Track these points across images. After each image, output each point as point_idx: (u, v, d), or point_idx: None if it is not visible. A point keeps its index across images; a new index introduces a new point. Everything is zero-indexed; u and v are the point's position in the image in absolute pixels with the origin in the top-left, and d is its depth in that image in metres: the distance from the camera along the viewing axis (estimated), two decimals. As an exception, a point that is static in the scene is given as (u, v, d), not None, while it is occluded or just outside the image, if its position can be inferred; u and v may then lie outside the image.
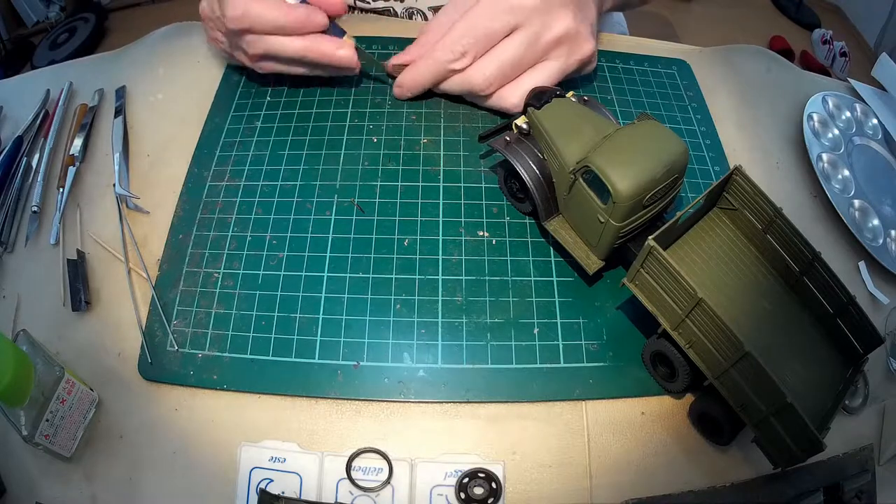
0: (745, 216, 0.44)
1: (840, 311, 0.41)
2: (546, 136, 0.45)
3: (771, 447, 0.38)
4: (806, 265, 0.42)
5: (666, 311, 0.39)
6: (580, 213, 0.44)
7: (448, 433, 0.41)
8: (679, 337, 0.39)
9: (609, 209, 0.41)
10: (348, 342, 0.43)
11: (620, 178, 0.40)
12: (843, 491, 0.40)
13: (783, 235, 0.42)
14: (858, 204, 0.54)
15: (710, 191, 0.43)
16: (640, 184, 0.40)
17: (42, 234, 0.49)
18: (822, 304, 0.42)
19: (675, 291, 0.38)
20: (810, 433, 0.35)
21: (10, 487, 0.39)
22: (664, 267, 0.37)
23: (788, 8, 2.14)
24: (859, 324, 0.41)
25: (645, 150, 0.42)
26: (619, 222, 0.41)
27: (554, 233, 0.46)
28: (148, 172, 0.52)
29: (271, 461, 0.39)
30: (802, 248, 0.41)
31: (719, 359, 0.37)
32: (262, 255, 0.47)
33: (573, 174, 0.42)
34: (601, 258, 0.44)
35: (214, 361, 0.42)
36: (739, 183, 0.43)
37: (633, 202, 0.40)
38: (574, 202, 0.44)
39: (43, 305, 0.45)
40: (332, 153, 0.53)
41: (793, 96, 0.61)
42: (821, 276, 0.41)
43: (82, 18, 1.85)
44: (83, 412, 0.40)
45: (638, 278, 0.40)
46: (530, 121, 0.46)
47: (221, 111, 0.56)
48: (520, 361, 0.43)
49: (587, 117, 0.46)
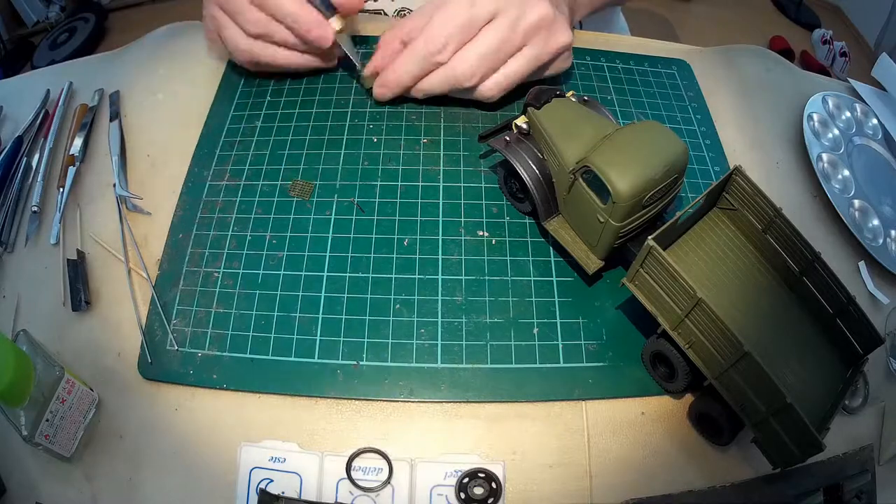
0: (744, 216, 0.44)
1: (840, 312, 0.41)
2: (546, 136, 0.45)
3: (770, 447, 0.38)
4: (806, 265, 0.42)
5: (665, 311, 0.39)
6: (580, 212, 0.44)
7: (448, 433, 0.41)
8: (679, 337, 0.39)
9: (609, 209, 0.41)
10: (348, 342, 0.43)
11: (620, 178, 0.40)
12: (843, 491, 0.40)
13: (783, 235, 0.42)
14: (858, 204, 0.54)
15: (710, 191, 0.43)
16: (640, 184, 0.40)
17: (42, 234, 0.48)
18: (822, 304, 0.42)
19: (675, 291, 0.38)
20: (810, 434, 0.35)
21: (10, 487, 0.39)
22: (664, 267, 0.37)
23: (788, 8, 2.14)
24: (859, 324, 0.41)
25: (645, 150, 0.41)
26: (618, 222, 0.41)
27: (554, 233, 0.46)
28: (148, 172, 0.52)
29: (271, 461, 0.39)
30: (802, 249, 0.41)
31: (719, 359, 0.37)
32: (262, 255, 0.47)
33: (573, 174, 0.42)
34: (601, 258, 0.44)
35: (214, 361, 0.42)
36: (739, 183, 0.43)
37: (632, 202, 0.40)
38: (574, 202, 0.44)
39: (43, 305, 0.45)
40: (332, 153, 0.53)
41: (793, 96, 0.61)
42: (821, 277, 0.41)
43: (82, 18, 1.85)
44: (83, 412, 0.40)
45: (637, 278, 0.40)
46: (530, 120, 0.46)
47: (221, 111, 0.56)
48: (519, 361, 0.43)
49: (587, 117, 0.46)
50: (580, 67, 0.61)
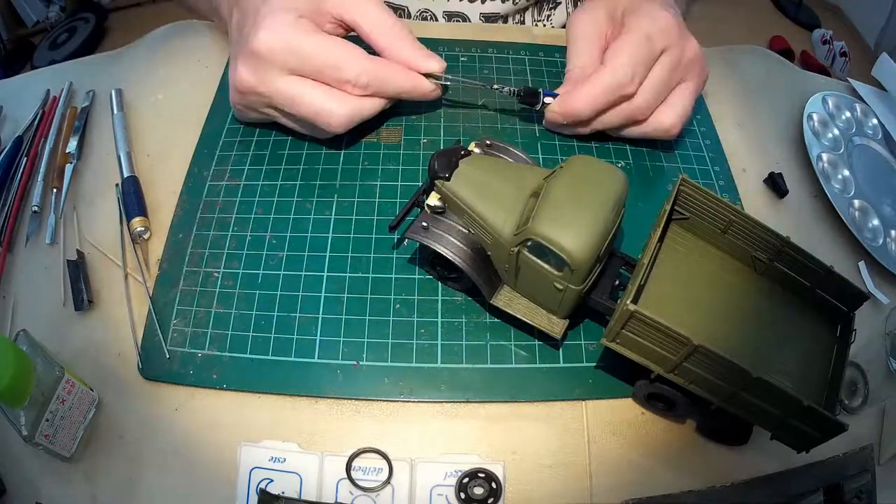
0: (700, 223, 0.42)
1: (819, 284, 0.41)
2: (467, 210, 0.41)
3: (791, 439, 0.37)
4: (776, 252, 0.41)
5: (657, 359, 0.37)
6: (531, 283, 0.40)
7: (448, 433, 0.41)
8: (676, 378, 0.37)
9: (566, 276, 0.38)
10: (348, 342, 0.43)
11: (573, 243, 0.36)
12: (843, 491, 0.40)
13: (745, 231, 0.41)
14: (858, 204, 0.54)
15: (664, 213, 0.40)
16: (595, 241, 0.37)
17: (42, 234, 0.48)
18: (800, 281, 0.41)
19: (667, 342, 0.35)
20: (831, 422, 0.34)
21: (10, 487, 0.39)
22: (649, 325, 0.35)
23: (788, 8, 2.14)
24: (840, 287, 0.40)
25: (586, 198, 0.38)
26: (580, 285, 0.38)
27: (506, 308, 0.42)
28: (148, 172, 0.52)
29: (271, 461, 0.39)
30: (769, 238, 0.40)
31: (724, 386, 0.36)
32: (262, 255, 0.47)
33: (515, 248, 0.39)
34: (564, 317, 0.41)
35: (214, 361, 0.42)
36: (688, 192, 0.41)
37: (591, 262, 0.37)
38: (523, 274, 0.40)
39: (43, 305, 0.45)
40: (332, 153, 0.53)
41: (793, 96, 0.61)
42: (794, 258, 0.40)
43: (82, 18, 1.84)
44: (83, 412, 0.40)
45: (620, 337, 0.37)
46: (443, 195, 0.42)
47: (221, 111, 0.56)
48: (519, 361, 0.43)
49: (504, 172, 0.42)
50: (580, 67, 0.61)
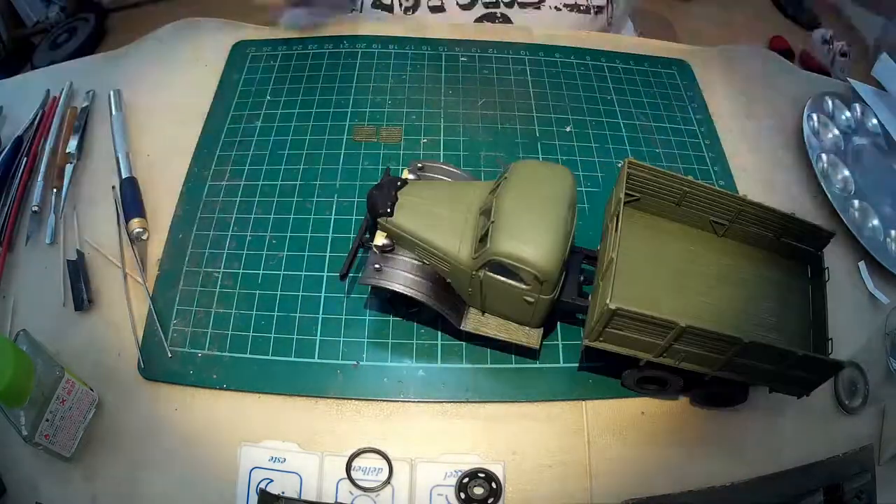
0: (653, 201, 0.42)
1: (784, 231, 0.41)
2: (418, 242, 0.39)
3: (788, 388, 0.38)
4: (735, 213, 0.41)
5: (644, 347, 0.37)
6: (501, 301, 0.40)
7: (448, 433, 0.41)
8: (666, 359, 0.37)
9: (536, 288, 0.37)
10: (348, 342, 0.43)
11: (537, 256, 0.36)
12: (843, 491, 0.40)
13: (700, 199, 0.41)
14: (858, 204, 0.54)
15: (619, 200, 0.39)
16: (559, 248, 0.36)
17: (42, 234, 0.48)
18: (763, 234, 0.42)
19: (653, 330, 0.35)
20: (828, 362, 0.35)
21: (10, 487, 0.39)
22: (633, 318, 0.35)
23: (788, 8, 2.14)
24: (804, 230, 0.41)
25: (540, 206, 0.37)
26: (551, 294, 0.38)
27: (477, 330, 0.41)
28: (148, 172, 0.52)
29: (271, 461, 0.39)
30: (726, 201, 0.40)
31: (716, 357, 0.36)
32: (262, 255, 0.47)
33: (478, 271, 0.38)
34: (539, 326, 0.41)
35: (214, 361, 0.42)
36: (636, 174, 0.41)
37: (559, 270, 0.37)
38: (489, 295, 0.40)
39: (43, 305, 0.45)
40: (332, 153, 0.53)
41: (793, 96, 0.61)
42: (754, 214, 0.41)
43: (82, 18, 1.84)
44: (83, 412, 0.39)
45: (603, 335, 0.37)
46: (389, 232, 0.41)
47: (221, 111, 0.56)
48: (519, 361, 0.43)
49: (446, 194, 0.41)
50: (580, 67, 0.61)
